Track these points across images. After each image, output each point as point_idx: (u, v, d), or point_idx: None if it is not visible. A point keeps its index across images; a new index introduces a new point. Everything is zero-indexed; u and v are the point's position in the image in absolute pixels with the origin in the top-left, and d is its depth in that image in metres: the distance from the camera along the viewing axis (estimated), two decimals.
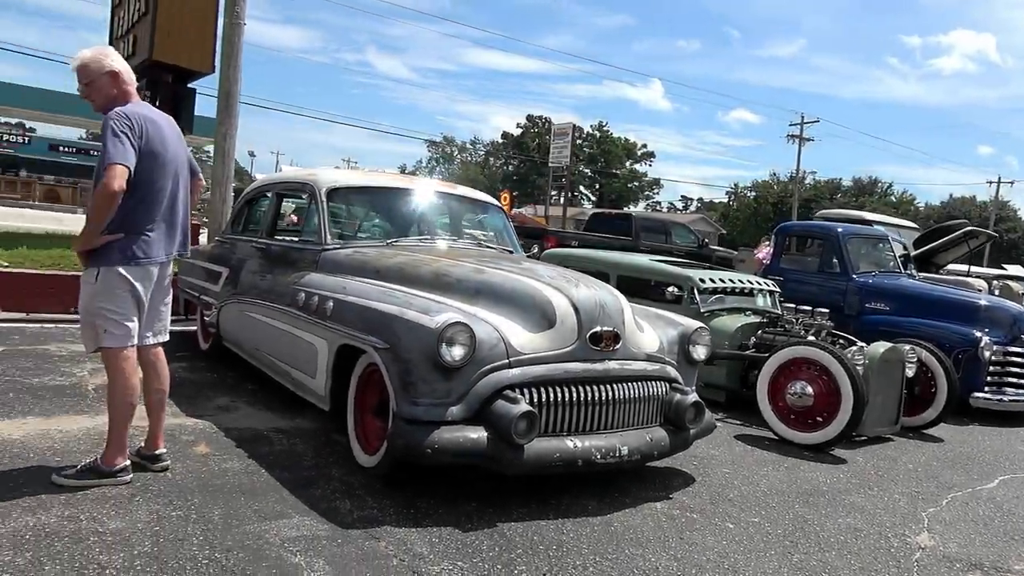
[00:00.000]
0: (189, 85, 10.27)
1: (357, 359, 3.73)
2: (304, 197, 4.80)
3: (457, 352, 3.19)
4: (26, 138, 44.47)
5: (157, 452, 3.42)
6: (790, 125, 62.84)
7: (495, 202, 5.46)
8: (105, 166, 2.97)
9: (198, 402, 4.62)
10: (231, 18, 8.11)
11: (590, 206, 63.66)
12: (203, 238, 9.67)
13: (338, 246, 4.43)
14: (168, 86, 9.87)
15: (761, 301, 6.43)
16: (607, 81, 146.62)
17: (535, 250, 10.88)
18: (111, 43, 12.47)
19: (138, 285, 3.17)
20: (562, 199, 45.30)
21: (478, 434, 3.19)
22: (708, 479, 4.09)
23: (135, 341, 3.23)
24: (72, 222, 18.97)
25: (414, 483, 3.48)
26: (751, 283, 6.48)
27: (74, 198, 33.19)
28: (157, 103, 9.90)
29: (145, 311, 3.26)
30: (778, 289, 6.70)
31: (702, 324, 4.20)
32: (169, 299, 3.46)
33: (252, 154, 68.29)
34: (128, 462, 3.25)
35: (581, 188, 71.15)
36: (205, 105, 28.84)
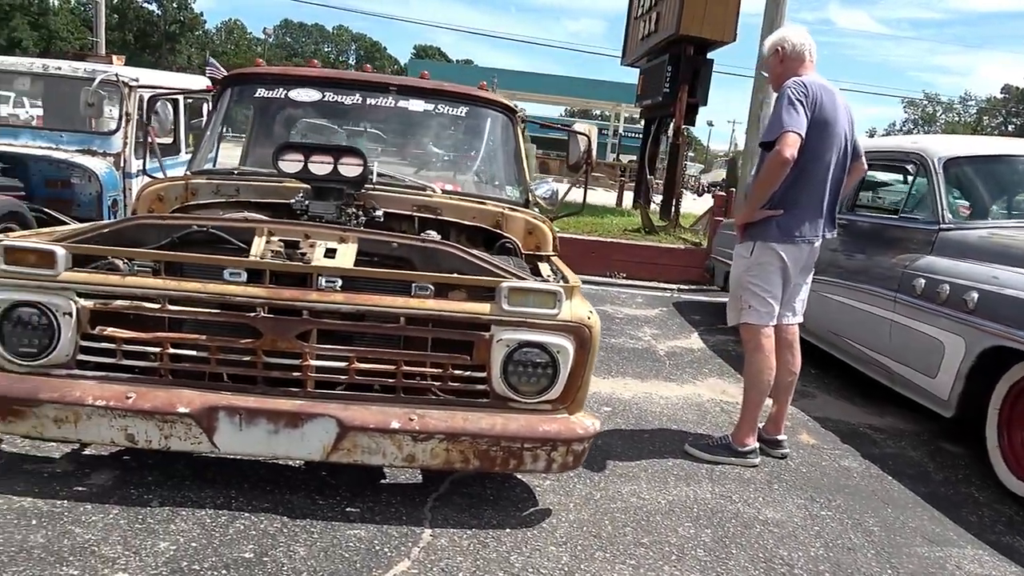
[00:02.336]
0: (708, 56, 10.42)
1: (1007, 364, 3.09)
2: (910, 168, 4.23)
3: None
4: None
5: (778, 437, 3.27)
6: None
7: None
8: (778, 134, 2.82)
9: None
10: None
11: None
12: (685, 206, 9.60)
13: (958, 225, 3.77)
14: (689, 59, 10.12)
15: None
16: None
17: None
18: (628, 24, 13.30)
19: (789, 263, 3.01)
20: None
21: None
22: None
23: (775, 320, 3.09)
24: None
25: None
26: None
27: (559, 169, 37.55)
28: (677, 75, 10.21)
29: (788, 290, 3.10)
30: None
31: None
32: (810, 279, 3.25)
33: (711, 124, 68.99)
34: (756, 444, 3.15)
35: None
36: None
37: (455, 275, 2.38)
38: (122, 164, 5.33)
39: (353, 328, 2.35)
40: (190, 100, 6.33)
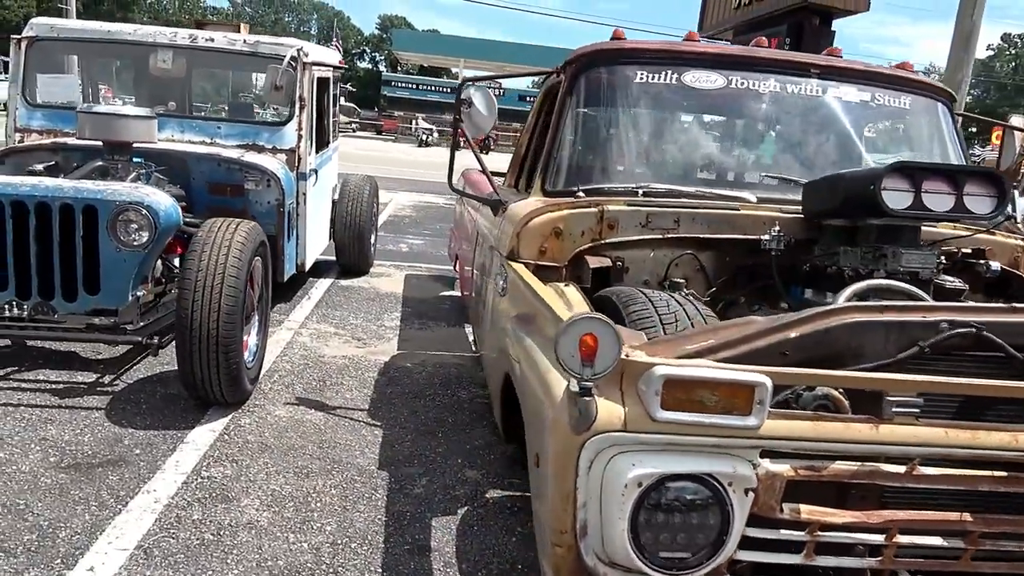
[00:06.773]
0: (832, 28, 9.50)
1: None
2: None
3: None
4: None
5: None
6: None
7: None
8: None
9: None
10: None
11: None
12: None
13: None
14: (814, 30, 9.17)
15: None
16: None
17: None
18: None
19: None
20: None
21: None
22: None
23: None
24: None
25: None
26: None
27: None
28: (798, 50, 9.27)
29: None
30: None
31: None
32: None
33: None
34: None
35: None
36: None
37: None
38: (296, 163, 4.19)
39: None
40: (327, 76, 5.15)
